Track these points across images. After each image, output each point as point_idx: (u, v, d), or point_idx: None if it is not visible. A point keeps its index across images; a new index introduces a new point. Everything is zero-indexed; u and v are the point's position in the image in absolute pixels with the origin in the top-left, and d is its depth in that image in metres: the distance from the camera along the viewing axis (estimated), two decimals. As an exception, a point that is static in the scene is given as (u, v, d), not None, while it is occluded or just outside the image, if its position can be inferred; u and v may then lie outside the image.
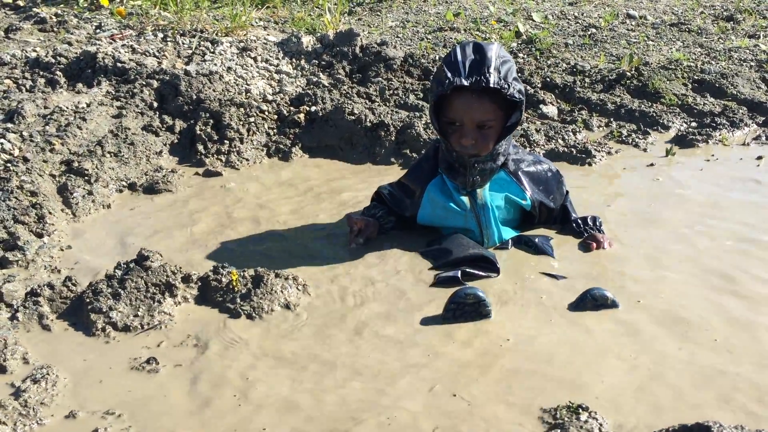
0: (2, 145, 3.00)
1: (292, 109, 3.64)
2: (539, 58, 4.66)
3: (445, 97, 2.29)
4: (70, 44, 4.29)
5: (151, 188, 3.01)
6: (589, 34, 5.29)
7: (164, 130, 3.45)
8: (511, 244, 2.49)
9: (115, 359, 1.87)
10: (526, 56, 4.68)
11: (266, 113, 3.59)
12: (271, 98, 3.75)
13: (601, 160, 3.33)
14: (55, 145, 3.07)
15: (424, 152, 2.77)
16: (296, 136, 3.54)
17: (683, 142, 3.55)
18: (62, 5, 5.15)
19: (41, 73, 3.84)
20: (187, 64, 4.07)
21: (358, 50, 4.27)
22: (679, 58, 4.59)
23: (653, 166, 3.28)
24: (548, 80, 4.22)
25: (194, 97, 3.60)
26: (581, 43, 5.04)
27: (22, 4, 5.19)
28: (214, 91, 3.69)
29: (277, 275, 2.18)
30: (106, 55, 3.98)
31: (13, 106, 3.39)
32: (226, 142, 3.39)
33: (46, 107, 3.45)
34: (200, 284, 2.18)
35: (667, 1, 6.54)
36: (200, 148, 3.35)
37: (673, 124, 3.78)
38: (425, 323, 2.03)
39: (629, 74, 4.24)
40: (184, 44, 4.32)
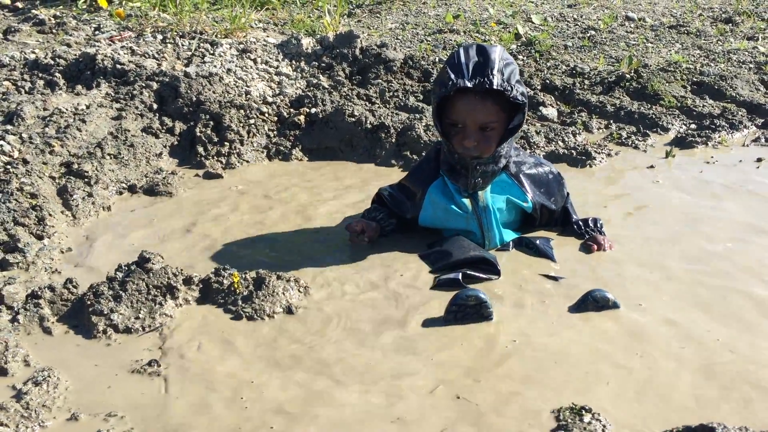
0: (2, 147, 2.99)
1: (292, 110, 3.64)
2: (539, 60, 4.66)
3: (448, 98, 2.29)
4: (69, 46, 4.28)
5: (151, 190, 3.01)
6: (588, 36, 5.30)
7: (164, 131, 3.45)
8: (512, 246, 2.49)
9: (116, 361, 1.86)
10: (525, 58, 4.68)
11: (266, 115, 3.59)
12: (271, 100, 3.75)
13: (600, 162, 3.34)
14: (54, 146, 3.06)
15: (425, 154, 2.77)
16: (296, 137, 3.54)
17: (683, 143, 3.56)
18: (61, 7, 5.14)
19: (40, 74, 3.83)
20: (186, 65, 4.07)
21: (357, 52, 4.28)
22: (678, 60, 4.60)
23: (653, 167, 3.28)
24: (548, 82, 4.22)
25: (194, 98, 3.60)
26: (580, 45, 5.05)
27: (20, 5, 5.19)
28: (213, 92, 3.69)
29: (278, 277, 2.18)
30: (105, 56, 3.97)
31: (12, 107, 3.39)
32: (226, 143, 3.38)
33: (45, 109, 3.45)
34: (201, 286, 2.18)
35: (665, 3, 6.56)
36: (200, 149, 3.35)
37: (672, 126, 3.78)
38: (426, 325, 2.03)
39: (628, 76, 4.25)
40: (183, 46, 4.32)
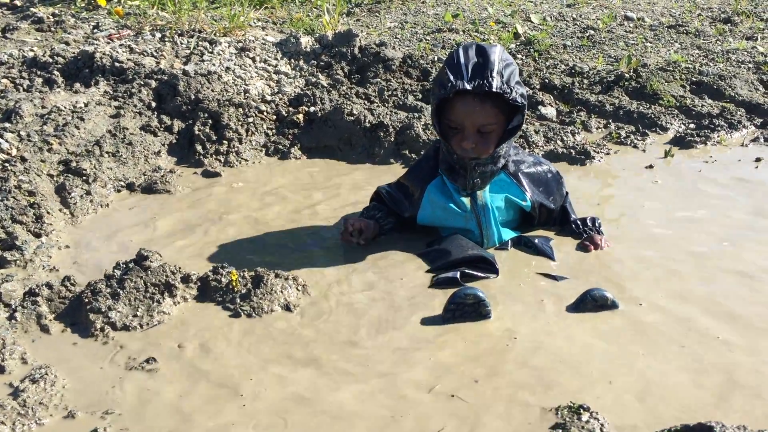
0: (0, 144, 2.98)
1: (290, 109, 3.64)
2: (538, 59, 4.66)
3: (447, 99, 2.28)
4: (67, 44, 4.27)
5: (149, 188, 3.01)
6: (587, 35, 5.30)
7: (162, 130, 3.44)
8: (510, 245, 2.48)
9: (113, 359, 1.86)
10: (524, 58, 4.68)
11: (265, 113, 3.58)
12: (269, 98, 3.75)
13: (599, 161, 3.34)
14: (52, 144, 3.06)
15: (424, 153, 2.76)
16: (295, 136, 3.53)
17: (682, 143, 3.56)
18: (59, 5, 5.13)
19: (39, 72, 3.83)
20: (185, 64, 4.06)
21: (356, 51, 4.27)
22: (677, 59, 4.60)
23: (652, 167, 3.28)
24: (547, 81, 4.22)
25: (192, 97, 3.59)
26: (580, 44, 5.05)
27: (19, 3, 5.18)
28: (212, 91, 3.68)
29: (277, 275, 2.18)
30: (103, 54, 3.97)
31: (10, 105, 3.38)
32: (224, 142, 3.38)
33: (43, 107, 3.44)
34: (200, 284, 2.17)
35: (664, 3, 6.56)
36: (199, 148, 3.35)
37: (671, 125, 3.78)
38: (425, 323, 2.03)
39: (628, 76, 4.25)
40: (182, 44, 4.31)
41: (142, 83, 3.69)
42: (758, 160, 3.34)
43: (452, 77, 2.23)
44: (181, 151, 3.39)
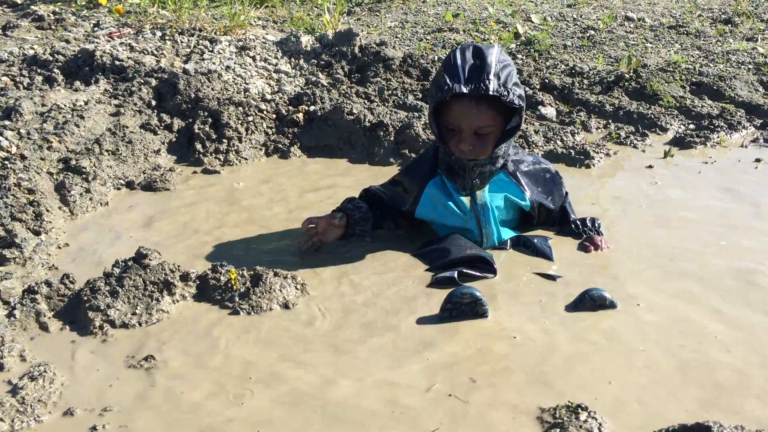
0: (0, 142, 2.99)
1: (290, 108, 3.64)
2: (538, 59, 4.66)
3: (444, 102, 2.28)
4: (67, 42, 4.28)
5: (149, 186, 3.01)
6: (587, 35, 5.30)
7: (162, 128, 3.44)
8: (509, 245, 2.48)
9: (112, 357, 1.86)
10: (524, 57, 4.68)
11: (265, 112, 3.58)
12: (269, 97, 3.75)
13: (599, 161, 3.34)
14: (52, 142, 3.06)
15: (422, 151, 2.75)
16: (295, 135, 3.53)
17: (681, 144, 3.56)
18: (60, 3, 5.13)
19: (39, 70, 3.83)
20: (185, 62, 4.06)
21: (357, 50, 4.27)
22: (677, 60, 4.60)
23: (651, 167, 3.28)
24: (547, 81, 4.22)
25: (193, 95, 3.60)
26: (580, 44, 5.05)
27: (19, 1, 5.18)
28: (212, 89, 3.68)
29: (275, 274, 2.18)
30: (104, 53, 3.97)
31: (10, 103, 3.38)
32: (224, 141, 3.38)
33: (43, 105, 3.44)
34: (199, 283, 2.18)
35: (665, 3, 6.56)
36: (198, 146, 3.35)
37: (671, 126, 3.78)
38: (422, 323, 2.03)
39: (628, 76, 4.25)
40: (182, 43, 4.32)
41: (142, 81, 3.69)
42: (758, 160, 3.34)
43: (449, 80, 2.22)
44: (180, 149, 3.40)
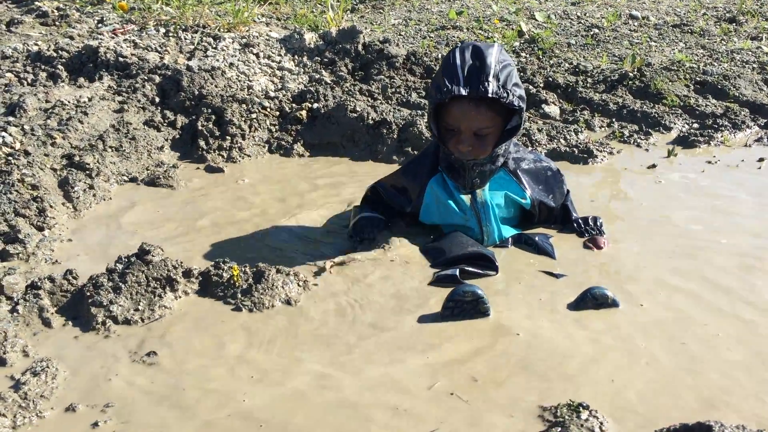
0: (3, 138, 3.00)
1: (294, 105, 3.64)
2: (542, 57, 4.66)
3: (443, 104, 2.27)
4: (71, 38, 4.28)
5: (152, 183, 3.01)
6: (591, 34, 5.29)
7: (166, 125, 3.45)
8: (510, 242, 2.48)
9: (115, 353, 1.86)
10: (528, 56, 4.68)
11: (268, 110, 3.59)
12: (273, 95, 3.75)
13: (602, 160, 3.33)
14: (56, 138, 3.07)
15: (423, 150, 2.75)
16: (298, 132, 3.53)
17: (685, 143, 3.55)
18: (64, -1, 5.14)
19: (43, 66, 3.84)
20: (189, 59, 4.07)
21: (360, 48, 4.27)
22: (681, 59, 4.59)
23: (655, 166, 3.27)
24: (550, 80, 4.22)
25: (196, 92, 3.60)
26: (584, 43, 5.04)
27: (24, -3, 5.19)
28: (216, 86, 3.69)
29: (278, 271, 2.18)
30: (108, 49, 3.98)
31: (14, 99, 3.39)
32: (227, 138, 3.39)
33: (47, 101, 3.45)
34: (201, 279, 2.18)
35: (669, 2, 6.55)
36: (202, 143, 3.35)
37: (674, 125, 3.78)
38: (423, 321, 2.03)
39: (631, 75, 4.24)
40: (186, 39, 4.32)
41: (145, 78, 3.69)
42: (761, 160, 3.33)
43: (447, 82, 2.20)
44: (184, 146, 3.40)
